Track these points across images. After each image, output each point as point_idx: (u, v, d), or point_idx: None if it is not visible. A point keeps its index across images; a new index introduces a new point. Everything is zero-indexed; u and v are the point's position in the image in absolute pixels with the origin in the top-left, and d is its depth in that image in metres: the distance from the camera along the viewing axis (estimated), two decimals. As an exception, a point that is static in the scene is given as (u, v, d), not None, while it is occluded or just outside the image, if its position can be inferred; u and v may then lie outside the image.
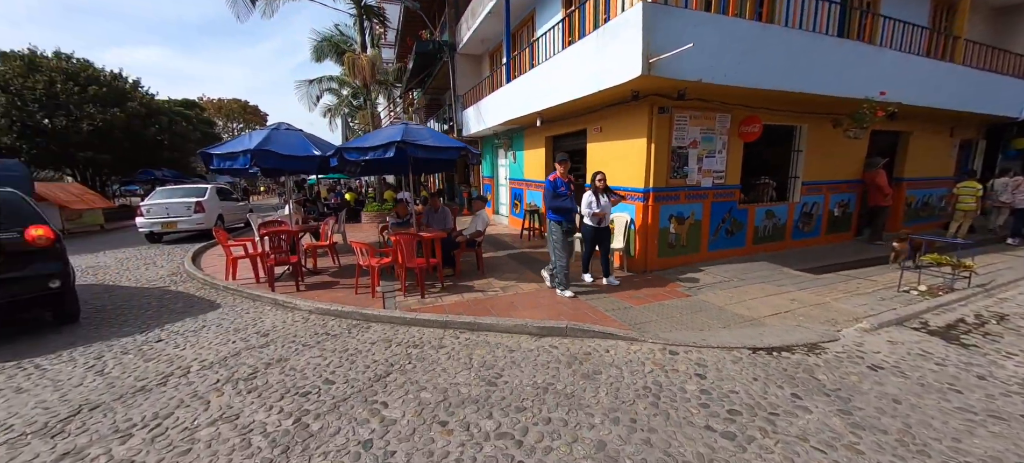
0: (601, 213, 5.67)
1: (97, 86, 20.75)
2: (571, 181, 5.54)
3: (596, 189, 5.70)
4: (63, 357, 4.03)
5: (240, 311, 5.35)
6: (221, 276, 7.02)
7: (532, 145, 10.51)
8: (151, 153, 23.18)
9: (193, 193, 12.02)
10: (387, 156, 5.34)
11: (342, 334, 4.42)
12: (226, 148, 5.94)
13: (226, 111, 44.13)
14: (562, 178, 5.47)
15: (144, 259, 9.20)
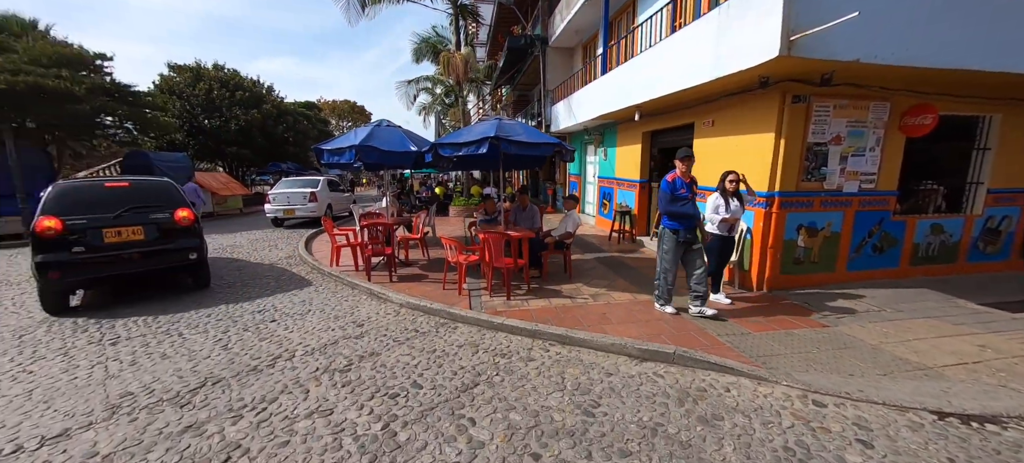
0: (732, 219, 4.84)
1: (242, 92, 24.38)
2: (694, 182, 4.73)
3: (725, 191, 4.86)
4: (199, 328, 4.55)
5: (340, 298, 5.64)
6: (327, 262, 7.59)
7: (626, 141, 9.77)
8: (279, 148, 26.65)
9: (308, 184, 13.41)
10: (480, 152, 5.19)
11: (430, 332, 4.37)
12: (335, 144, 6.33)
13: (338, 111, 49.35)
14: (683, 178, 4.63)
15: (269, 241, 10.44)
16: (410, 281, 6.27)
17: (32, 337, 4.37)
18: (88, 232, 5.15)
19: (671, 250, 4.67)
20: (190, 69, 23.88)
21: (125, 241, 5.35)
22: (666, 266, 4.74)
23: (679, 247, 4.64)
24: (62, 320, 4.88)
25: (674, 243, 4.63)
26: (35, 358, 3.86)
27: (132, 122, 15.20)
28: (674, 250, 4.65)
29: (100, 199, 5.41)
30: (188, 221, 5.77)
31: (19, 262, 8.36)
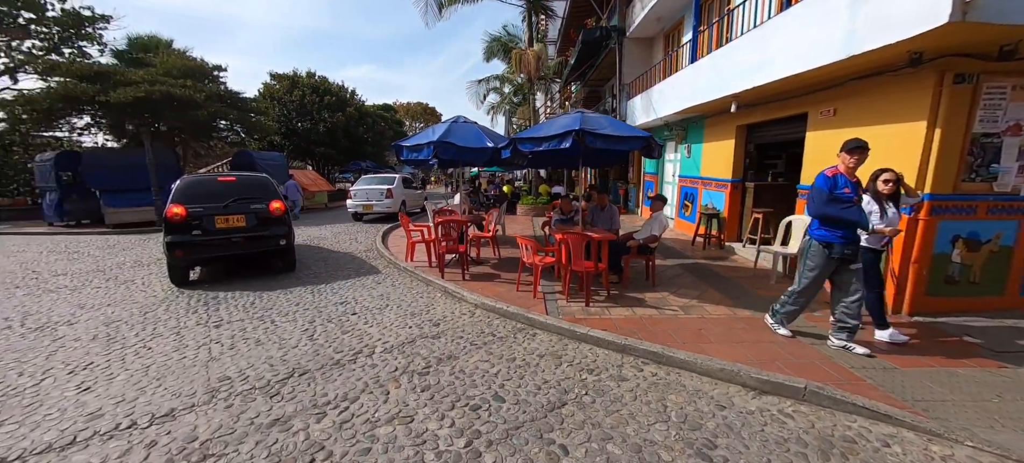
0: (890, 230, 3.73)
1: (330, 96, 26.41)
2: (859, 183, 3.73)
3: (879, 194, 3.79)
4: (289, 316, 4.74)
5: (415, 294, 5.62)
6: (402, 256, 7.73)
7: (716, 136, 8.82)
8: (360, 148, 28.50)
9: (385, 182, 14.01)
10: (562, 147, 4.84)
11: (508, 337, 4.11)
12: (413, 141, 6.35)
13: (412, 113, 51.90)
14: (847, 175, 3.61)
15: (350, 234, 11.02)
16: (482, 280, 6.11)
17: (153, 315, 4.84)
18: (204, 218, 6.06)
19: (819, 267, 3.66)
20: (288, 77, 26.38)
21: (231, 227, 6.25)
22: (806, 284, 3.77)
23: (830, 264, 3.64)
24: (177, 301, 5.38)
25: (825, 259, 3.62)
26: (154, 335, 4.22)
27: (240, 125, 17.03)
28: (823, 267, 3.66)
29: (213, 191, 6.35)
30: (280, 212, 6.59)
31: (150, 246, 9.62)
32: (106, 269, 7.27)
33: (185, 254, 5.99)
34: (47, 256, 8.61)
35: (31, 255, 8.75)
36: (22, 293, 5.84)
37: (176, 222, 5.89)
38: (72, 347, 3.95)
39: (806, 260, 3.79)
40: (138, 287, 6.06)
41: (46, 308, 5.14)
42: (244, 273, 6.87)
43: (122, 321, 4.63)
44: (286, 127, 24.82)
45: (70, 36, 21.00)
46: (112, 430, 2.65)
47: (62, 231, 12.59)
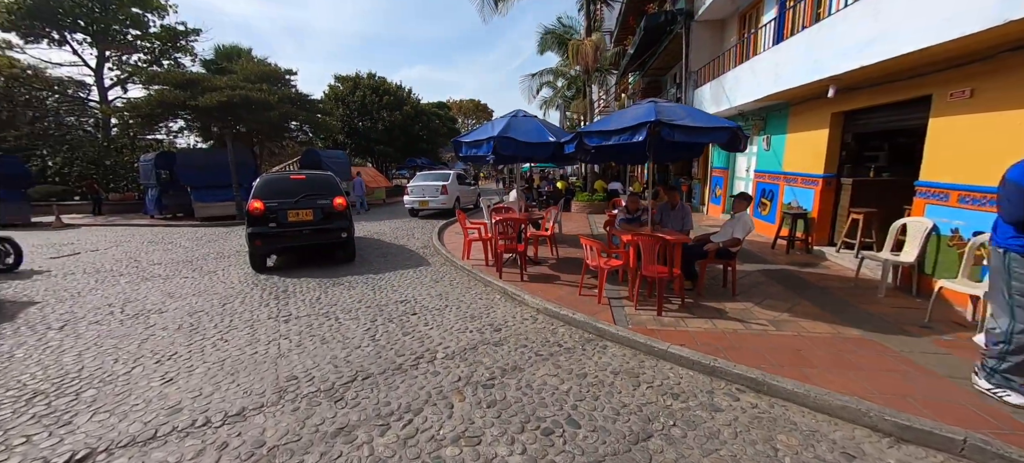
0: None
1: (388, 96, 27.37)
2: None
3: None
4: (352, 314, 4.74)
5: (474, 295, 5.45)
6: (458, 254, 7.64)
7: (803, 125, 7.82)
8: (415, 145, 29.34)
9: (440, 178, 14.15)
10: (635, 140, 4.39)
11: (575, 349, 3.78)
12: (472, 137, 6.17)
13: (465, 110, 52.70)
14: None
15: (407, 230, 11.20)
16: (541, 282, 5.81)
17: (231, 307, 5.06)
18: (278, 212, 6.67)
19: None
20: (350, 79, 27.70)
21: (301, 221, 6.83)
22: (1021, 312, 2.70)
23: None
24: (251, 293, 5.62)
25: None
26: (230, 328, 4.38)
27: (308, 125, 18.06)
28: None
29: (287, 188, 6.98)
30: (342, 207, 7.10)
31: (231, 239, 10.37)
32: (193, 260, 7.87)
33: (263, 244, 6.65)
34: (147, 246, 9.56)
35: (134, 245, 9.75)
36: (125, 280, 6.43)
37: (256, 215, 6.55)
38: (160, 336, 4.19)
39: (1012, 281, 2.73)
40: (219, 278, 6.44)
41: (142, 296, 5.58)
42: (311, 262, 7.43)
43: (203, 312, 4.88)
44: (349, 126, 26.09)
45: (167, 49, 23.50)
46: (189, 427, 2.67)
47: (160, 223, 14.05)
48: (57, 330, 4.41)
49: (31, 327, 4.51)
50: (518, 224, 6.36)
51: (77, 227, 13.88)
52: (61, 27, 20.53)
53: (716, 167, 12.42)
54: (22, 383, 3.29)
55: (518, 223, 6.36)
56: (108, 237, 11.23)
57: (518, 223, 6.36)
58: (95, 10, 20.37)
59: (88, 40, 21.62)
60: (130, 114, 15.04)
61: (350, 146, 26.43)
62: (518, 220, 6.36)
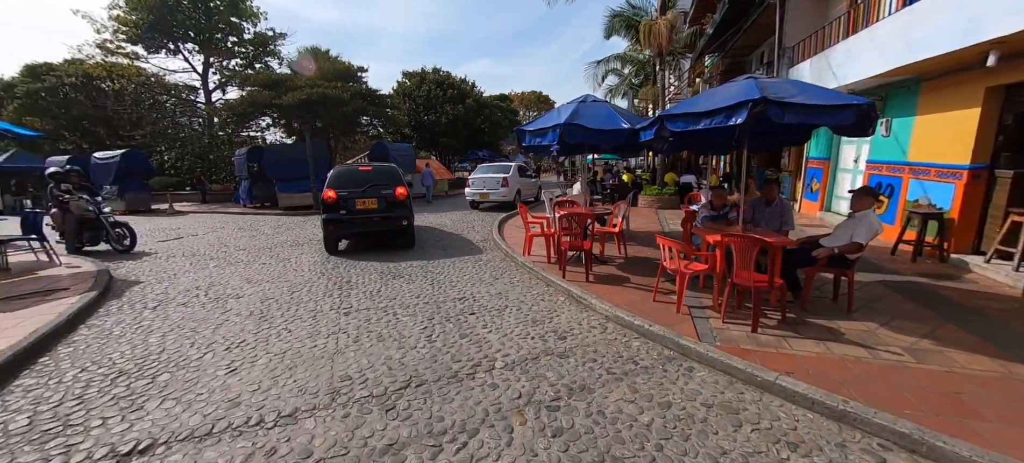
0: None
1: (452, 89, 27.79)
2: None
3: None
4: (410, 310, 4.58)
5: (536, 295, 5.05)
6: (518, 248, 7.29)
7: (940, 105, 6.36)
8: (477, 137, 29.56)
9: (501, 170, 13.91)
10: (731, 123, 3.68)
11: (654, 369, 3.23)
12: (537, 125, 5.74)
13: (526, 102, 52.34)
14: None
15: (467, 222, 11.11)
16: (609, 283, 5.26)
17: (298, 295, 5.16)
18: (348, 200, 7.27)
19: None
20: (417, 74, 28.53)
21: (367, 208, 7.38)
22: None
23: None
24: (318, 282, 5.72)
25: None
26: (295, 317, 4.41)
27: (377, 119, 18.81)
28: None
29: (356, 179, 7.56)
30: (404, 197, 7.57)
31: (306, 227, 10.98)
32: (272, 247, 8.36)
33: (335, 229, 7.36)
34: (236, 232, 10.41)
35: (226, 231, 10.68)
36: (213, 265, 6.93)
37: (330, 203, 7.23)
38: (233, 322, 4.32)
39: None
40: (291, 266, 6.70)
41: (225, 280, 5.93)
42: (375, 248, 7.98)
43: (273, 300, 5.01)
44: (414, 120, 26.93)
45: (259, 53, 25.78)
46: (243, 425, 2.58)
47: (250, 212, 15.42)
48: (151, 310, 4.75)
49: (131, 305, 4.91)
50: (584, 220, 5.83)
51: (185, 214, 15.69)
52: (176, 38, 23.36)
53: (813, 157, 10.80)
54: (112, 361, 3.49)
55: (584, 219, 5.84)
56: (207, 223, 12.49)
57: (584, 219, 5.84)
58: (201, 21, 22.87)
59: (196, 49, 24.41)
60: (227, 113, 16.67)
61: (415, 139, 27.29)
62: (584, 215, 5.83)
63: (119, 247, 7.98)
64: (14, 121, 22.12)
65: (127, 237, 8.09)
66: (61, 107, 22.36)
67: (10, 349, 3.50)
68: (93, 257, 7.44)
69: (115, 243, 7.97)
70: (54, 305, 4.70)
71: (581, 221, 5.82)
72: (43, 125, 22.71)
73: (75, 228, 7.87)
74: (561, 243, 5.77)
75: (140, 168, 17.59)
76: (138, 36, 22.17)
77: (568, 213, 5.95)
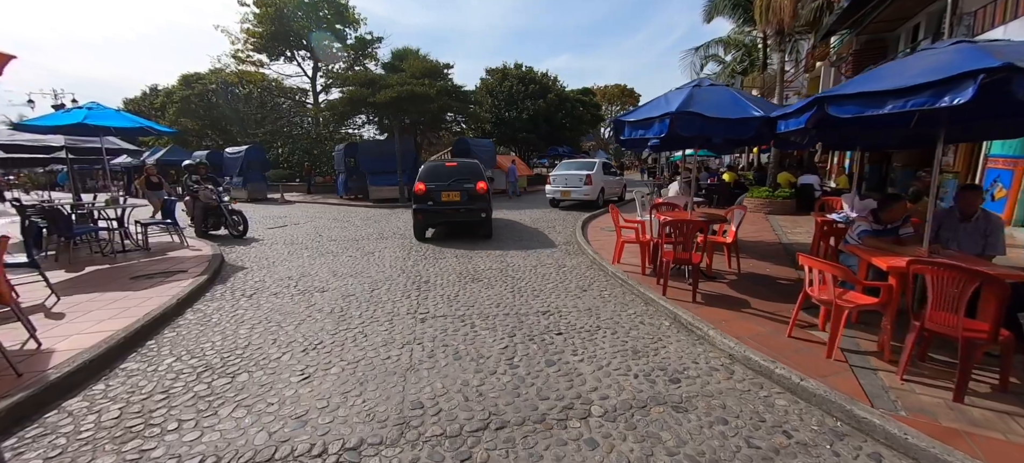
0: None
1: (534, 84, 27.33)
2: None
3: None
4: (489, 321, 4.11)
5: (634, 317, 4.26)
6: (606, 254, 6.51)
7: None
8: (558, 133, 28.79)
9: (584, 167, 13.06)
10: (945, 103, 2.56)
11: (818, 448, 2.31)
12: (639, 114, 4.90)
13: (608, 96, 50.06)
14: None
15: (547, 221, 10.51)
16: (723, 307, 4.28)
17: (378, 294, 5.00)
18: (435, 193, 7.90)
19: None
20: (499, 71, 28.57)
21: (450, 200, 7.95)
22: None
23: None
24: (397, 280, 5.54)
25: None
26: (372, 320, 4.19)
27: (461, 115, 18.99)
28: None
29: (442, 173, 8.23)
30: (483, 191, 8.04)
31: (392, 220, 11.28)
32: (359, 240, 8.58)
33: (423, 218, 8.07)
34: (330, 223, 11.03)
35: (323, 221, 11.38)
36: (306, 254, 7.23)
37: (419, 195, 7.90)
38: (315, 319, 4.23)
39: None
40: (374, 261, 6.70)
41: (314, 271, 6.06)
42: (456, 239, 8.45)
43: (354, 297, 4.89)
44: (496, 116, 27.00)
45: (359, 57, 27.76)
46: (305, 454, 2.27)
47: (345, 203, 16.52)
48: (247, 298, 4.91)
49: (232, 292, 5.15)
50: (693, 228, 4.86)
51: (293, 203, 17.34)
52: (292, 46, 26.09)
53: (998, 155, 8.29)
54: (202, 351, 3.51)
55: (693, 227, 4.86)
56: (309, 212, 13.54)
57: (693, 227, 4.86)
58: (312, 29, 25.21)
59: (308, 55, 27.05)
60: (330, 112, 18.04)
61: (496, 135, 27.36)
62: (693, 223, 4.85)
63: (234, 232, 8.79)
64: (172, 122, 26.58)
65: (241, 223, 8.89)
66: (206, 109, 26.33)
67: (124, 330, 3.70)
68: (215, 240, 8.26)
69: (231, 229, 8.81)
70: (171, 287, 5.08)
71: (689, 230, 4.86)
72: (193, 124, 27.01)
73: (202, 214, 8.86)
74: (662, 254, 4.88)
75: (259, 161, 19.91)
76: (262, 45, 25.16)
77: (671, 218, 5.02)
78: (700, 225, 4.85)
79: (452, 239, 8.37)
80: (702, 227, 5.04)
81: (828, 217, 5.70)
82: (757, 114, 4.21)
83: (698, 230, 4.89)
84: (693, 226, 4.85)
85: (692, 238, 4.67)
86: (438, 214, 7.98)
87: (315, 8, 25.07)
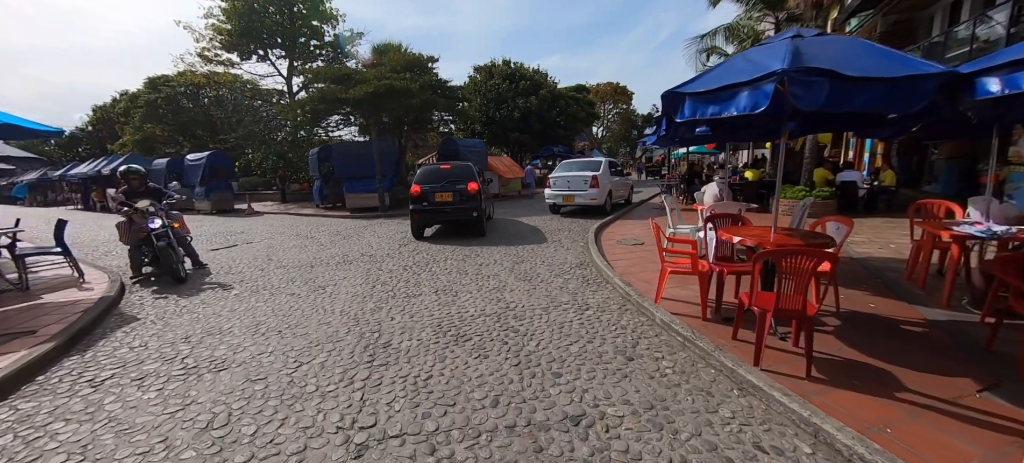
0: None
1: (524, 81, 25.53)
2: None
3: None
4: (481, 442, 2.28)
5: (729, 423, 2.46)
6: (640, 283, 4.73)
7: None
8: (552, 132, 27.00)
9: (589, 168, 11.27)
10: None
11: None
12: (710, 82, 3.08)
13: (601, 94, 48.40)
14: None
15: (550, 232, 8.68)
16: (856, 386, 2.53)
17: (302, 376, 3.13)
18: (429, 194, 8.21)
19: None
20: (485, 68, 26.74)
21: (443, 201, 8.24)
22: None
23: None
24: (344, 341, 3.67)
25: None
26: (268, 447, 2.33)
27: (448, 113, 17.09)
28: None
29: (436, 175, 8.50)
30: (474, 191, 8.21)
31: (365, 236, 9.36)
32: (317, 264, 6.68)
33: (419, 218, 8.36)
34: (290, 241, 9.06)
35: (280, 240, 9.42)
36: (237, 292, 5.33)
37: (416, 195, 8.22)
38: (174, 444, 2.36)
39: None
40: (324, 301, 4.81)
41: (230, 324, 4.16)
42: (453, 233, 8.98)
43: (263, 382, 3.02)
44: (485, 115, 25.15)
45: (338, 55, 25.69)
46: None
47: (320, 213, 14.51)
48: (93, 389, 3.02)
49: (75, 379, 3.21)
50: (812, 261, 3.01)
51: (261, 215, 15.31)
52: (265, 44, 23.96)
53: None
54: None
55: (811, 258, 3.01)
56: (273, 226, 11.56)
57: (811, 258, 3.01)
58: (286, 26, 23.13)
59: (282, 54, 24.93)
60: (301, 111, 16.00)
61: (487, 135, 25.50)
62: (809, 252, 3.01)
63: (176, 273, 5.75)
64: (138, 127, 24.25)
65: (186, 258, 6.41)
66: (174, 114, 24.07)
67: None
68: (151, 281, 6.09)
69: (167, 266, 5.76)
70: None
71: (804, 263, 3.01)
72: (159, 130, 24.69)
73: (137, 244, 5.95)
74: (744, 301, 3.09)
75: (224, 168, 17.79)
76: (231, 43, 23.00)
77: (740, 235, 3.22)
78: (818, 255, 3.02)
79: (435, 261, 6.53)
80: (820, 255, 3.21)
81: (960, 230, 3.96)
82: (933, 70, 2.43)
83: (815, 259, 3.04)
84: (809, 256, 3.01)
85: (808, 277, 2.86)
86: (432, 213, 8.29)
87: (289, 2, 23.01)
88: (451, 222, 8.75)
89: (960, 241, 3.97)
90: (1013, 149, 8.56)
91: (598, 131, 50.08)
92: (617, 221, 10.04)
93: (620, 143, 51.59)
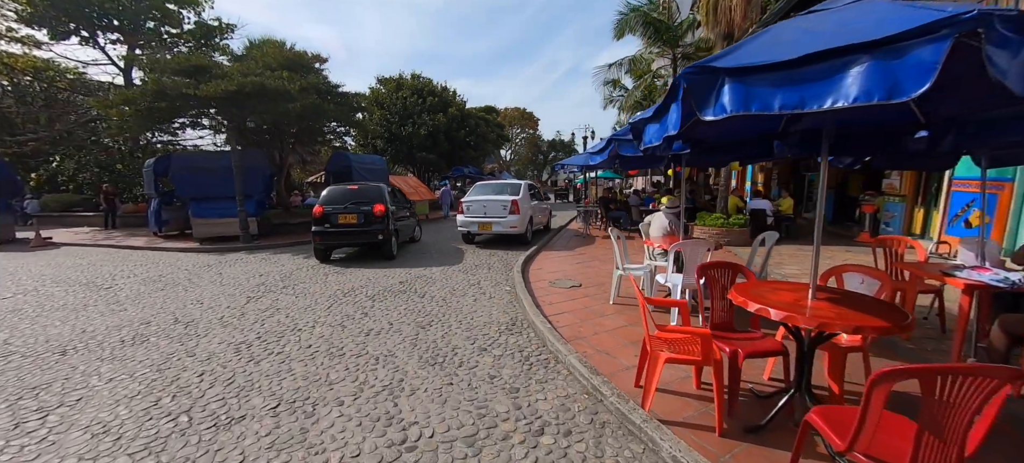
0: None
1: (433, 97, 23.69)
2: None
3: None
4: None
5: None
6: (594, 349, 3.22)
7: None
8: (461, 152, 25.45)
9: (507, 190, 9.83)
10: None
11: None
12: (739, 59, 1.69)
13: (509, 118, 48.66)
14: None
15: (466, 272, 6.88)
16: None
17: None
18: (332, 215, 7.77)
19: None
20: (393, 80, 24.32)
21: (347, 223, 7.77)
22: None
23: None
24: None
25: None
26: None
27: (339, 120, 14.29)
28: None
29: (341, 196, 8.04)
30: (381, 213, 7.78)
31: (205, 283, 6.43)
32: (86, 341, 3.86)
33: (321, 240, 7.78)
34: (63, 298, 5.71)
35: (54, 292, 5.96)
36: None
37: (318, 217, 7.73)
38: None
39: None
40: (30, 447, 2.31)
41: None
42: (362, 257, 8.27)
43: None
44: (388, 132, 22.60)
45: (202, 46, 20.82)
46: None
47: (154, 245, 10.53)
48: None
49: None
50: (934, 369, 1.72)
51: (58, 247, 10.69)
52: (92, 24, 18.20)
53: (964, 178, 7.34)
54: None
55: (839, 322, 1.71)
56: (54, 269, 7.68)
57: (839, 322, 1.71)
58: (124, 3, 17.90)
59: (120, 39, 19.29)
60: (129, 108, 11.73)
61: (390, 152, 22.87)
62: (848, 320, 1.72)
63: None
64: None
65: None
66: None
67: None
68: None
69: None
70: None
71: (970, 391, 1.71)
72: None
73: None
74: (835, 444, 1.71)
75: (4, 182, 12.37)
76: (34, 16, 16.96)
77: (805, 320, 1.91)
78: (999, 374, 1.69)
79: (297, 328, 4.24)
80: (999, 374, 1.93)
81: (972, 279, 3.23)
82: None
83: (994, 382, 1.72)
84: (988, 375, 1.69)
85: (971, 415, 1.56)
86: (335, 236, 7.80)
87: (127, -28, 17.87)
88: (355, 245, 8.46)
89: (970, 291, 3.24)
90: (886, 181, 9.37)
91: (507, 154, 50.18)
92: (541, 252, 8.68)
93: (527, 167, 52.35)
